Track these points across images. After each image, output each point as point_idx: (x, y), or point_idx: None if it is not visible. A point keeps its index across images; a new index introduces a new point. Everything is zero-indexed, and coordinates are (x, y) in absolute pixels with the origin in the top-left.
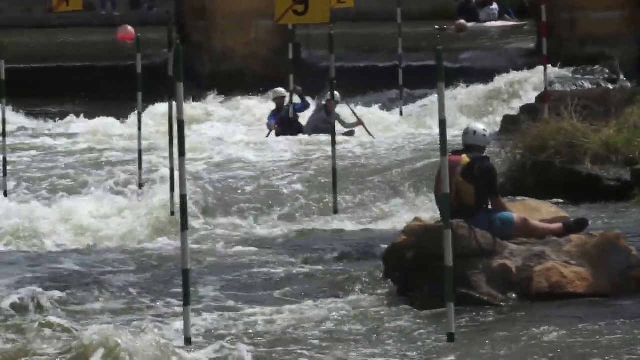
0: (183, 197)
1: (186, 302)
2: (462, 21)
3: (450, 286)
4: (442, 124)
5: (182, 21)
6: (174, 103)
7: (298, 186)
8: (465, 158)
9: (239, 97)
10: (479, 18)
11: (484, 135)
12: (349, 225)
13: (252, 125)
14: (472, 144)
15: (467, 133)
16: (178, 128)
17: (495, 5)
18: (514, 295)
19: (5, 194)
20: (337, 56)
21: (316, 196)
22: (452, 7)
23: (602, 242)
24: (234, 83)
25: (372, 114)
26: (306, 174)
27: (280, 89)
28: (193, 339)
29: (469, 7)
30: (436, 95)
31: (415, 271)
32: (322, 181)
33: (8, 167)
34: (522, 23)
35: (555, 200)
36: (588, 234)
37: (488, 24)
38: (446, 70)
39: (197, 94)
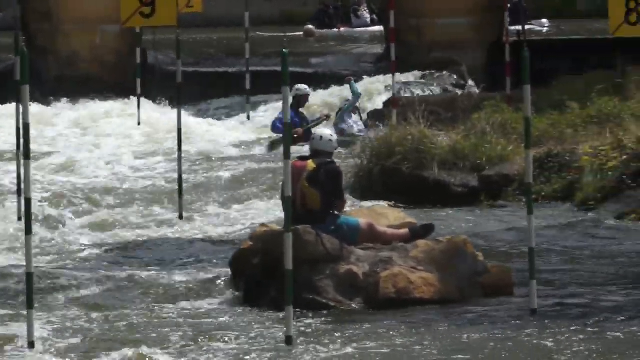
0: (27, 201)
1: (30, 305)
2: (311, 26)
3: (290, 289)
4: (287, 127)
5: (28, 24)
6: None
7: (145, 191)
8: (311, 163)
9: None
10: (352, 23)
11: (330, 141)
12: (195, 231)
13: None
14: (318, 149)
15: (314, 138)
16: (23, 131)
17: (366, 11)
18: (360, 300)
19: None
20: (184, 61)
21: (162, 201)
22: (300, 13)
23: (449, 247)
24: (80, 88)
25: (217, 120)
26: (153, 178)
27: (303, 86)
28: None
29: (328, 13)
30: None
31: (261, 276)
32: (168, 186)
33: None
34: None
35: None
36: (435, 240)
37: (360, 29)
38: (294, 75)
39: (42, 99)
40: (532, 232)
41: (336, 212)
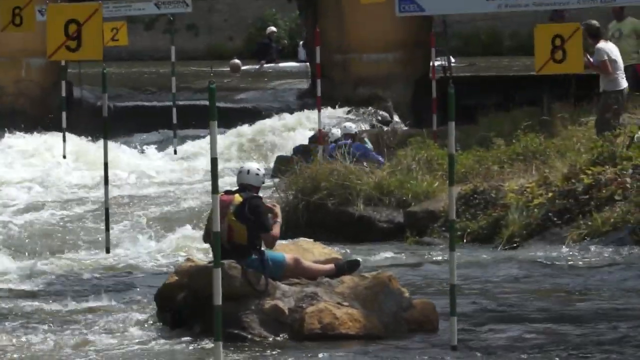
0: None
1: None
2: (237, 60)
3: (219, 325)
4: (214, 163)
5: None
6: None
7: (72, 225)
8: (237, 197)
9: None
10: (299, 57)
11: (257, 175)
12: (122, 265)
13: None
14: (245, 183)
15: (241, 172)
16: None
17: None
18: (286, 335)
19: None
20: (110, 95)
21: (89, 235)
22: (226, 48)
23: (375, 283)
24: (5, 121)
25: (144, 154)
26: (79, 212)
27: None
28: None
29: (271, 46)
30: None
31: (186, 311)
32: (95, 220)
33: None
34: None
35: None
36: (361, 275)
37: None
38: (221, 110)
39: None
40: (454, 268)
41: (262, 247)
